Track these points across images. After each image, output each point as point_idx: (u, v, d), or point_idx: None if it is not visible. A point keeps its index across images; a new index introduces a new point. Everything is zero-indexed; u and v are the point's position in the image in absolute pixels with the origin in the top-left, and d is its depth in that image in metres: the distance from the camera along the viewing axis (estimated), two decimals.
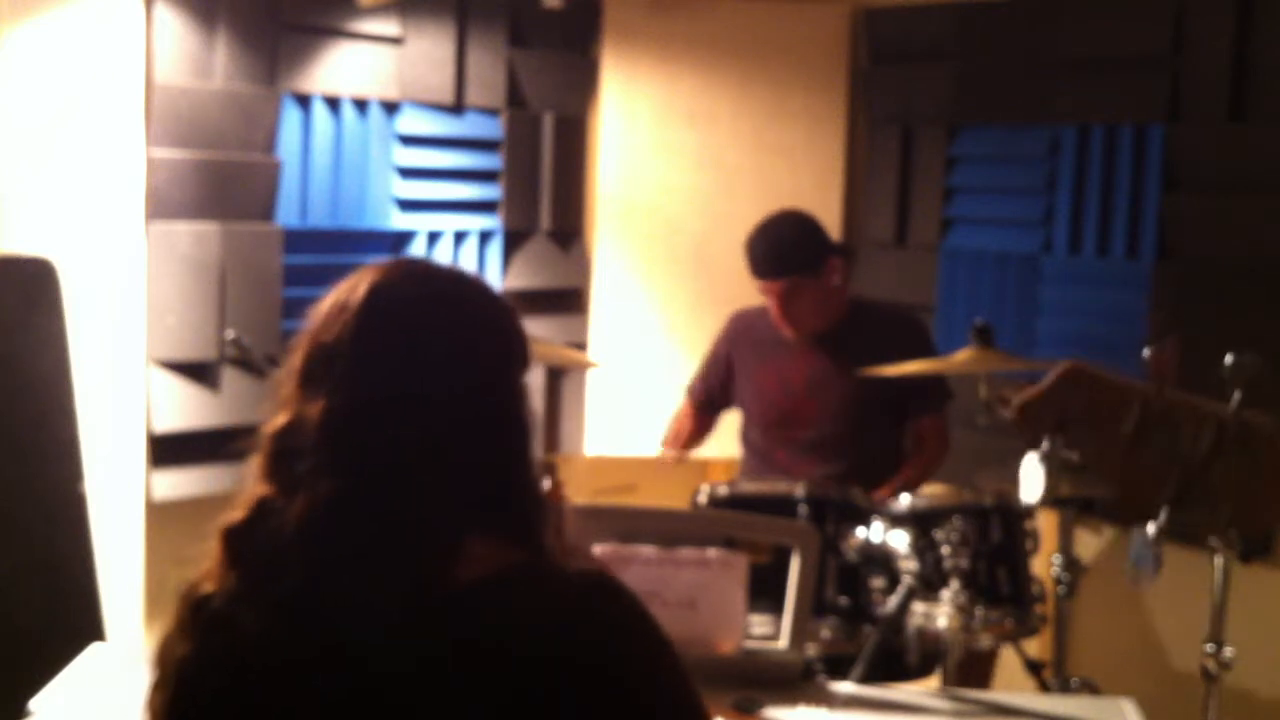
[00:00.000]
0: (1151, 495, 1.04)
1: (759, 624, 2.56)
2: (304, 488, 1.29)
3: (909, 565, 2.78)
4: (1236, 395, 1.31)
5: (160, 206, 3.53)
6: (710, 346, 3.72)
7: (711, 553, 2.40)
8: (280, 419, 1.33)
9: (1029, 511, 3.03)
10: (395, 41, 3.97)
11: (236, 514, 1.33)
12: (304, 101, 3.81)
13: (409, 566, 1.27)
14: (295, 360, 1.35)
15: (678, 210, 4.50)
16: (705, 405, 3.73)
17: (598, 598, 1.31)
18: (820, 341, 3.48)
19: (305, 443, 1.30)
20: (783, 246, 3.41)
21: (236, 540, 1.32)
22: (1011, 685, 3.30)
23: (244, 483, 1.36)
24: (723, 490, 3.04)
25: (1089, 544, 3.72)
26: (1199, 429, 1.02)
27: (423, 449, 1.29)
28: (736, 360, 3.63)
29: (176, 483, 3.60)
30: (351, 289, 1.36)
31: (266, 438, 1.34)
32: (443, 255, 4.15)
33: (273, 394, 1.36)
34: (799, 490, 2.94)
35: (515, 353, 1.40)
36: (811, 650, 2.74)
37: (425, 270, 1.42)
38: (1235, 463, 1.02)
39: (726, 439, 3.76)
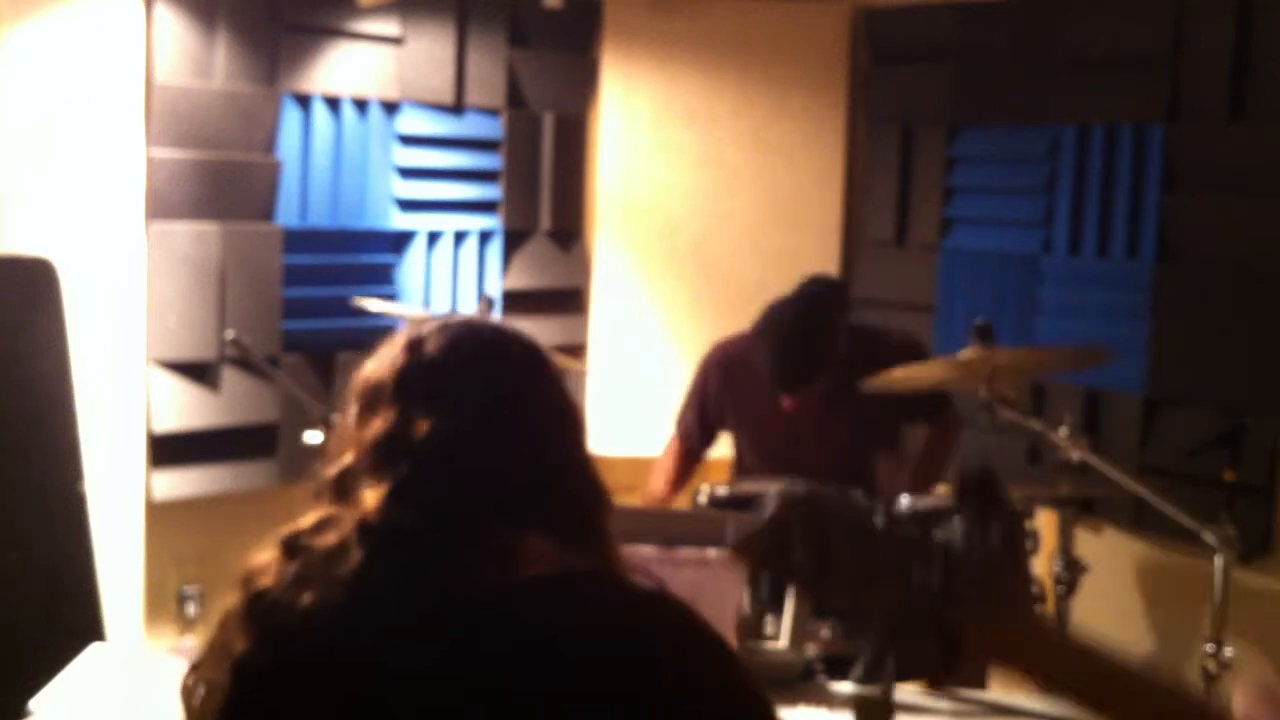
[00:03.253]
0: (870, 629, 1.00)
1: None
2: (364, 489, 1.34)
3: None
4: (971, 520, 1.16)
5: (160, 206, 3.53)
6: (696, 382, 3.52)
7: (711, 553, 2.40)
8: (344, 459, 1.39)
9: (1029, 511, 3.03)
10: (395, 41, 3.97)
11: (299, 524, 1.36)
12: (304, 101, 3.81)
13: (465, 553, 1.31)
14: (349, 411, 1.41)
15: (678, 210, 4.49)
16: (701, 441, 3.55)
17: (663, 607, 1.33)
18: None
19: (362, 462, 1.36)
20: (798, 361, 3.18)
21: (296, 540, 1.34)
22: (1012, 685, 3.30)
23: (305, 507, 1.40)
24: (723, 490, 3.03)
25: (1089, 544, 3.72)
26: (907, 561, 0.97)
27: (472, 443, 1.35)
28: (731, 402, 3.45)
29: (176, 483, 3.60)
30: (390, 342, 1.44)
31: (329, 477, 1.39)
32: (443, 255, 4.15)
33: (332, 449, 1.41)
34: (799, 490, 2.94)
35: (542, 359, 1.46)
36: (811, 650, 2.74)
37: (450, 316, 1.51)
38: (945, 598, 0.97)
39: (726, 439, 3.75)
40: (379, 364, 1.41)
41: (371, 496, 1.32)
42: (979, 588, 0.99)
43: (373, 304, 3.55)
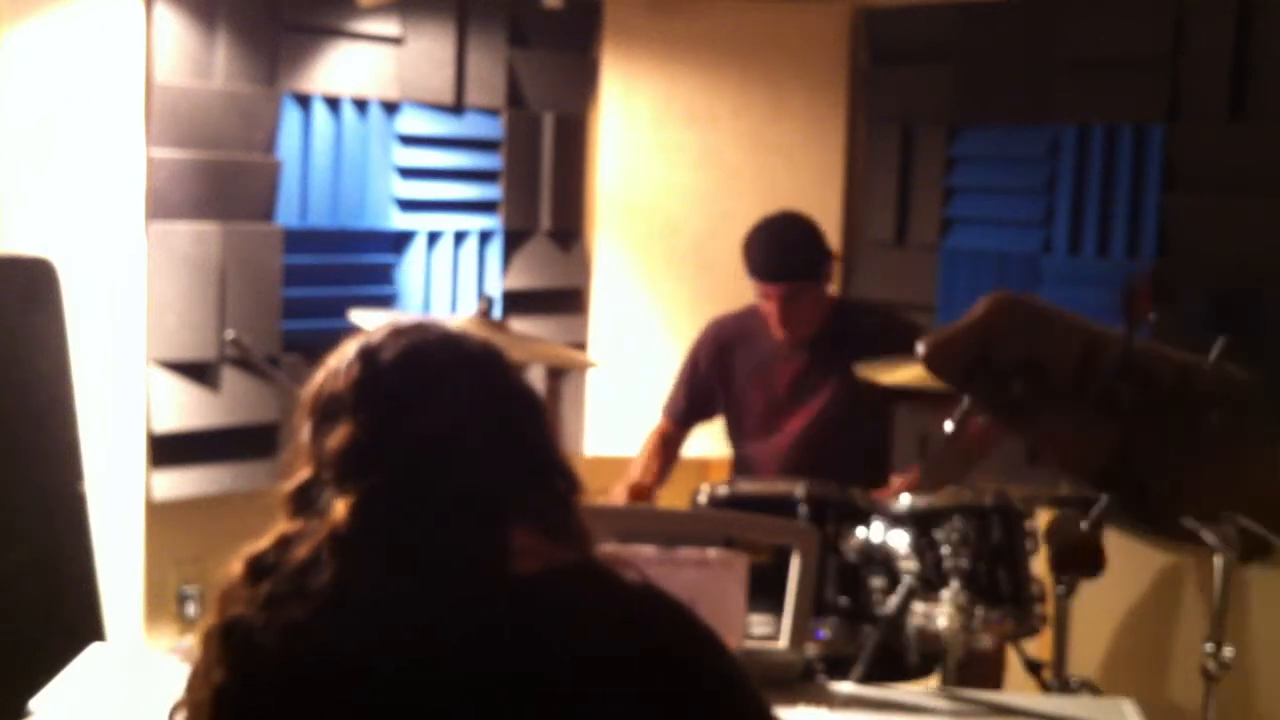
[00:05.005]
0: (1087, 459, 0.87)
1: (759, 624, 2.56)
2: (333, 501, 1.32)
3: (909, 565, 2.78)
4: (1220, 343, 1.01)
5: (160, 206, 3.53)
6: (689, 359, 3.63)
7: (711, 553, 2.40)
8: (300, 473, 1.37)
9: (1029, 511, 3.02)
10: (395, 41, 3.97)
11: (259, 544, 1.34)
12: (304, 101, 3.81)
13: (451, 554, 1.29)
14: (302, 427, 1.39)
15: (678, 210, 4.49)
16: (687, 421, 3.64)
17: (656, 602, 1.33)
18: (809, 349, 3.43)
19: (326, 474, 1.34)
20: (788, 250, 3.35)
21: (260, 562, 1.32)
22: (1011, 685, 3.30)
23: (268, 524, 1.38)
24: (723, 490, 3.03)
25: None
26: (1153, 382, 0.85)
27: (444, 442, 1.34)
28: (724, 373, 3.54)
29: (176, 483, 3.60)
30: (339, 354, 1.42)
31: (288, 491, 1.37)
32: (443, 255, 4.15)
33: (288, 466, 1.40)
34: (799, 490, 2.94)
35: (500, 355, 1.43)
36: (811, 650, 2.74)
37: (402, 321, 1.49)
38: (1193, 429, 0.86)
39: (722, 439, 3.75)
40: (331, 375, 1.39)
41: (342, 507, 1.30)
42: (1221, 427, 0.90)
43: (367, 318, 3.55)
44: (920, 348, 0.89)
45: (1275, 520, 0.94)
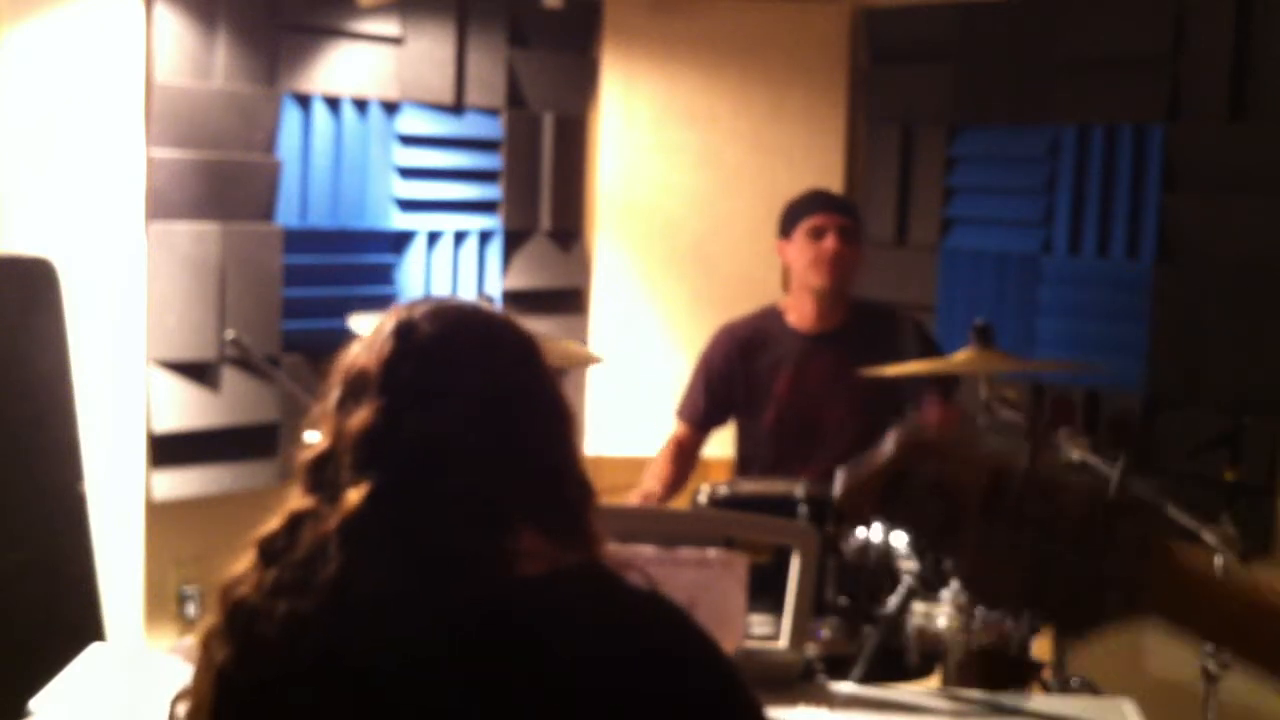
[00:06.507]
0: (1003, 587, 0.90)
1: (759, 624, 2.56)
2: (346, 489, 1.31)
3: (909, 565, 2.78)
4: (1121, 459, 1.03)
5: (160, 206, 3.53)
6: (702, 364, 3.60)
7: (711, 553, 2.40)
8: (320, 443, 1.36)
9: None
10: (395, 41, 3.97)
11: (271, 524, 1.33)
12: (304, 101, 3.81)
13: (456, 554, 1.29)
14: (331, 393, 1.38)
15: (678, 210, 4.49)
16: (706, 424, 3.62)
17: (658, 607, 1.33)
18: (828, 344, 3.44)
19: (344, 454, 1.33)
20: (844, 198, 3.71)
21: (271, 545, 1.32)
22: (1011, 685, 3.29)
23: (280, 500, 1.37)
24: (723, 490, 3.03)
25: None
26: (1060, 499, 0.89)
27: (459, 441, 1.32)
28: (748, 373, 3.52)
29: (176, 483, 3.60)
30: (378, 326, 1.41)
31: (305, 461, 1.36)
32: (443, 255, 4.15)
33: (312, 425, 1.39)
34: (799, 490, 2.94)
35: (535, 352, 1.42)
36: (811, 650, 2.74)
37: (442, 299, 1.48)
38: (1101, 546, 0.89)
39: (727, 439, 3.75)
40: (367, 349, 1.37)
41: (354, 496, 1.29)
42: (1134, 531, 0.91)
43: (367, 322, 3.54)
44: (838, 484, 0.91)
45: (1184, 618, 0.96)
